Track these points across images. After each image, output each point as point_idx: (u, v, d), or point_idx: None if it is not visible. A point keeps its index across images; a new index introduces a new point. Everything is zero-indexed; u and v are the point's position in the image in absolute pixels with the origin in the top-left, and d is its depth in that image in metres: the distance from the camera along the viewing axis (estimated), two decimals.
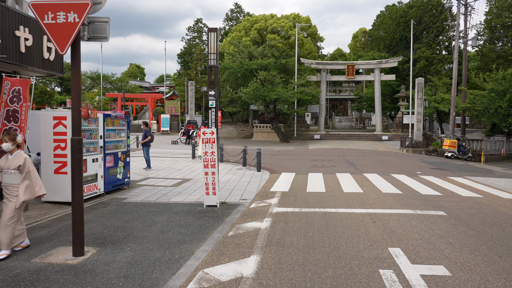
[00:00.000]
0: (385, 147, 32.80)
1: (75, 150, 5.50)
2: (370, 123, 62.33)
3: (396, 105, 48.06)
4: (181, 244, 6.10)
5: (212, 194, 8.74)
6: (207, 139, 8.62)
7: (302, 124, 45.24)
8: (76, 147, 5.50)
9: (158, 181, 13.06)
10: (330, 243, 6.07)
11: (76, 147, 5.50)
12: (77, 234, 5.53)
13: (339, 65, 46.54)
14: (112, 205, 9.09)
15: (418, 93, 31.34)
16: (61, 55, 10.11)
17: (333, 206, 8.88)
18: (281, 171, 15.63)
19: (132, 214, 8.14)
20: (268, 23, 49.20)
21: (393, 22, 51.14)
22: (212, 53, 8.59)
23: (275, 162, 19.43)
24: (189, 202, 9.48)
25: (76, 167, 5.51)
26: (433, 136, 34.89)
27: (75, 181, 5.51)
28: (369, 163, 19.28)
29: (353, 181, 12.79)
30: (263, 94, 33.96)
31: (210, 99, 8.61)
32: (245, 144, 35.33)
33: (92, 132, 9.81)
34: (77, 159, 5.51)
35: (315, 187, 11.52)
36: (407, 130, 42.12)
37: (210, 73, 8.63)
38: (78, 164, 5.51)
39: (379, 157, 22.74)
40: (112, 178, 10.72)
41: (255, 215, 7.99)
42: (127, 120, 11.63)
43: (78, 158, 5.52)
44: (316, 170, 15.94)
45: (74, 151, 5.50)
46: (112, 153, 10.69)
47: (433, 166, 18.33)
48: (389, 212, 8.23)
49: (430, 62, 46.28)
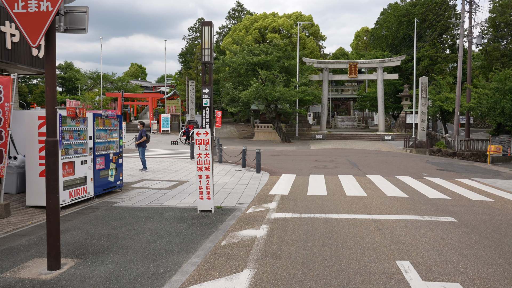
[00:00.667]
0: (388, 147, 32.22)
1: (50, 153, 4.98)
2: (373, 123, 61.71)
3: (399, 105, 47.46)
4: (169, 255, 5.57)
5: (206, 199, 8.21)
6: (201, 140, 8.09)
7: (304, 124, 44.68)
8: (51, 149, 4.98)
9: (153, 183, 12.54)
10: (332, 255, 5.53)
11: (51, 150, 4.98)
12: (52, 246, 5.01)
13: (341, 64, 45.95)
14: (101, 210, 8.58)
15: (422, 92, 30.76)
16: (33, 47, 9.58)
17: (335, 211, 8.33)
18: (281, 173, 15.09)
19: (121, 220, 7.61)
20: (269, 21, 48.64)
21: (396, 21, 50.52)
22: (206, 49, 8.06)
23: (276, 163, 18.89)
24: (182, 206, 8.96)
25: (51, 171, 4.98)
26: (437, 136, 34.30)
27: (49, 186, 4.99)
28: (372, 164, 18.72)
29: (356, 184, 12.24)
30: (265, 94, 33.43)
31: (204, 97, 8.08)
32: (246, 144, 34.81)
33: (81, 133, 9.30)
34: (52, 163, 4.99)
35: (316, 190, 10.98)
36: (410, 130, 41.52)
37: (204, 70, 8.11)
38: (53, 168, 4.99)
39: (382, 157, 22.17)
40: (103, 180, 10.21)
41: (251, 222, 7.46)
42: (120, 120, 11.12)
43: (53, 161, 5.00)
44: (318, 172, 15.39)
45: (49, 154, 4.98)
46: (103, 154, 10.18)
47: (438, 167, 17.76)
48: (395, 219, 7.68)
49: (434, 61, 45.67)
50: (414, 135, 36.70)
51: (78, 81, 69.28)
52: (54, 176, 5.01)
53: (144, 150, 14.83)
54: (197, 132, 8.08)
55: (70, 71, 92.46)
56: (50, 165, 4.99)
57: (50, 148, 4.99)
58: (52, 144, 4.99)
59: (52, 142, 4.99)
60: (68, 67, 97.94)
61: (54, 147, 5.00)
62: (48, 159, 4.99)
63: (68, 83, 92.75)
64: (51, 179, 4.99)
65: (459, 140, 29.41)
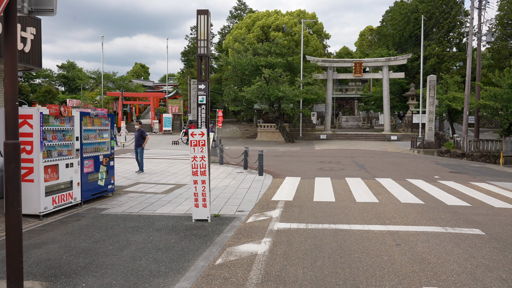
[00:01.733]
0: (394, 148, 31.32)
1: (10, 158, 4.17)
2: (378, 123, 60.78)
3: (405, 104, 46.49)
4: (154, 277, 4.75)
5: (202, 207, 7.39)
6: (196, 141, 7.27)
7: (308, 123, 43.79)
8: (10, 154, 4.17)
9: (149, 187, 11.74)
10: (346, 279, 4.69)
11: (11, 154, 4.17)
12: (13, 268, 4.19)
13: (346, 63, 45.05)
14: (86, 218, 7.77)
15: (430, 91, 29.83)
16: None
17: (346, 221, 7.49)
18: (285, 175, 14.26)
19: (106, 231, 6.81)
20: (272, 20, 47.77)
21: (403, 19, 49.49)
22: (202, 40, 7.24)
23: (279, 164, 18.06)
24: (176, 214, 8.14)
25: (11, 180, 4.17)
26: (445, 136, 33.34)
27: (9, 198, 4.18)
28: (380, 165, 17.86)
29: (366, 188, 11.39)
30: (268, 93, 32.58)
31: (199, 93, 7.26)
32: (249, 144, 33.98)
33: (66, 133, 8.49)
34: (12, 170, 4.17)
35: (323, 195, 10.13)
36: (417, 130, 40.57)
37: (199, 63, 7.29)
38: (13, 176, 4.18)
39: (390, 158, 21.30)
40: (92, 185, 9.40)
41: (251, 234, 6.63)
42: (111, 120, 10.32)
43: (14, 169, 4.18)
44: (324, 174, 14.55)
45: (9, 160, 4.17)
46: (91, 156, 9.38)
47: (450, 169, 16.88)
48: (414, 230, 6.83)
49: (441, 60, 44.65)
50: (421, 135, 35.77)
51: (80, 80, 68.65)
52: (15, 185, 4.19)
53: (143, 151, 14.03)
54: (192, 132, 7.26)
55: (73, 71, 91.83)
56: (9, 172, 4.17)
57: (10, 152, 4.17)
58: (12, 147, 4.17)
59: (12, 145, 4.17)
60: (71, 66, 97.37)
61: (15, 151, 4.19)
62: (8, 165, 4.17)
63: (71, 82, 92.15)
64: (11, 189, 4.18)
65: (468, 140, 28.49)
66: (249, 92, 32.72)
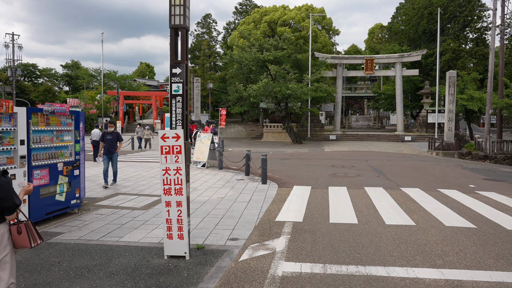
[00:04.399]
0: (410, 150, 29.04)
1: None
2: (389, 123, 58.37)
3: (419, 103, 44.13)
4: None
5: (178, 238, 5.30)
6: (168, 147, 5.19)
7: (316, 123, 41.62)
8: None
9: (128, 199, 9.69)
10: None
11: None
12: None
13: (357, 59, 42.83)
14: (23, 250, 5.73)
15: (450, 88, 27.49)
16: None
17: (379, 259, 5.36)
18: (292, 183, 12.14)
19: (38, 275, 4.76)
20: (279, 14, 45.60)
21: (416, 14, 47.03)
22: (177, 5, 5.16)
23: (286, 169, 15.95)
24: (147, 244, 6.07)
25: None
26: (466, 137, 30.98)
27: None
28: (400, 170, 15.68)
29: (392, 202, 9.24)
30: (274, 90, 30.43)
31: (173, 80, 5.17)
32: (254, 145, 31.87)
33: (4, 135, 6.46)
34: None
35: (342, 214, 8.00)
36: (432, 130, 38.24)
37: (174, 38, 5.20)
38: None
39: (408, 162, 19.08)
40: (46, 201, 7.36)
41: (245, 285, 4.53)
42: (76, 118, 8.26)
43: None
44: (338, 182, 12.41)
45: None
46: (46, 165, 7.34)
47: (483, 176, 14.64)
48: (484, 280, 4.67)
49: (457, 55, 42.16)
50: (438, 136, 33.47)
51: (82, 79, 66.95)
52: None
53: (117, 158, 11.66)
54: (163, 134, 5.18)
55: (77, 70, 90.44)
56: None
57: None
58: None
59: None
60: (75, 65, 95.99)
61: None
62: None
63: (75, 82, 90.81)
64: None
65: (491, 141, 26.20)
66: (255, 90, 30.61)
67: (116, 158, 11.44)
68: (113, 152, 11.25)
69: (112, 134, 11.31)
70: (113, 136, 11.24)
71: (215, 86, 55.74)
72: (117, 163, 11.69)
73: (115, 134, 11.29)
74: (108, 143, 11.23)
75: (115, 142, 11.26)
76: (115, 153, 11.34)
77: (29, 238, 3.48)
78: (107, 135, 11.27)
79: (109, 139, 11.23)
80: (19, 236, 3.42)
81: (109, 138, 11.24)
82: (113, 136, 11.24)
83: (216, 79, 58.96)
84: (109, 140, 11.22)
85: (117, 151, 11.39)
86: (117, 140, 11.30)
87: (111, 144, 11.25)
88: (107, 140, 11.22)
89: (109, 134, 11.30)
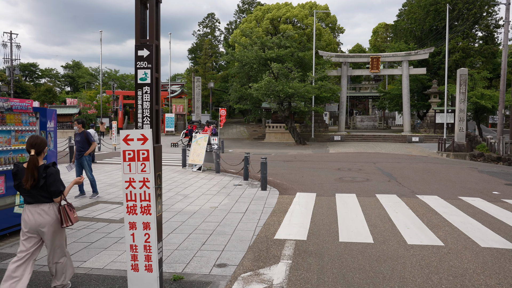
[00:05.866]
0: (419, 151, 27.76)
1: None
2: (394, 123, 57.06)
3: (427, 103, 42.77)
4: None
5: (145, 270, 4.08)
6: (132, 151, 3.99)
7: (320, 124, 40.37)
8: None
9: (108, 209, 8.51)
10: None
11: None
12: None
13: (362, 58, 41.53)
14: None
15: (461, 87, 26.18)
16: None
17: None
18: (295, 190, 10.93)
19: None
20: (283, 12, 44.36)
21: (422, 11, 45.66)
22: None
23: (288, 172, 14.73)
24: (112, 272, 4.87)
25: None
26: (477, 138, 29.63)
27: None
28: (412, 174, 14.44)
29: (410, 213, 8.00)
30: (277, 89, 29.19)
31: (139, 66, 3.95)
32: (256, 146, 30.66)
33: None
34: None
35: (353, 229, 6.77)
36: (440, 131, 36.89)
37: (139, 11, 4.01)
38: None
39: (419, 164, 17.82)
40: (3, 214, 6.18)
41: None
42: (42, 115, 7.07)
43: None
44: (346, 188, 11.18)
45: None
46: (0, 172, 6.16)
47: (504, 181, 13.36)
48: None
49: (467, 54, 40.72)
50: (446, 136, 32.13)
51: (82, 78, 66.02)
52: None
53: (91, 163, 10.15)
54: (125, 136, 3.98)
55: (78, 70, 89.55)
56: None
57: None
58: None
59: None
60: (76, 66, 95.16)
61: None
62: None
63: (77, 82, 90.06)
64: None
65: (504, 142, 24.91)
66: (257, 89, 29.38)
67: (88, 163, 9.72)
68: (82, 156, 9.85)
69: (80, 135, 9.73)
70: (81, 137, 9.67)
71: (217, 85, 54.58)
72: (91, 169, 9.97)
73: (84, 134, 9.79)
74: (77, 145, 9.75)
75: (85, 144, 9.74)
76: (84, 156, 9.84)
77: (62, 219, 4.16)
78: (76, 136, 9.84)
79: (78, 141, 9.71)
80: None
81: (77, 139, 9.72)
82: (82, 137, 9.67)
83: (218, 78, 57.82)
84: (78, 142, 9.70)
85: (87, 154, 9.84)
86: (86, 142, 9.80)
87: (80, 146, 9.70)
88: (76, 142, 9.72)
89: (77, 135, 9.77)
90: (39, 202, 4.11)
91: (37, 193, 4.09)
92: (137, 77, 4.06)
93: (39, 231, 4.09)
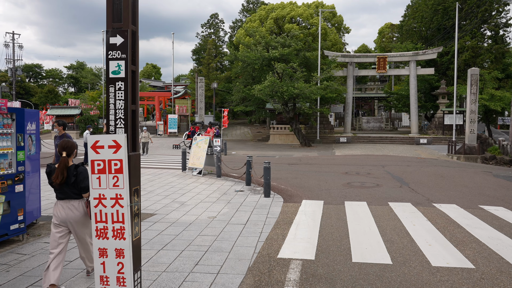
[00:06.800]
0: (428, 153, 26.88)
1: None
2: (401, 124, 56.06)
3: (435, 104, 41.78)
4: None
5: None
6: (102, 162, 3.24)
7: (326, 125, 39.54)
8: None
9: None
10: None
11: None
12: None
13: (368, 58, 40.69)
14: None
15: (472, 87, 25.29)
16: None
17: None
18: (301, 196, 10.15)
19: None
20: (287, 11, 43.57)
21: (430, 10, 44.68)
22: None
23: (293, 176, 13.96)
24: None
25: None
26: (489, 140, 28.69)
27: None
28: (424, 179, 13.63)
29: (429, 226, 7.19)
30: (281, 90, 28.39)
31: (111, 56, 3.19)
32: (260, 148, 29.90)
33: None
34: None
35: (367, 245, 5.99)
36: (449, 132, 35.94)
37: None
38: None
39: (430, 168, 16.98)
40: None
41: None
42: (19, 117, 6.35)
43: None
44: (355, 195, 10.39)
45: None
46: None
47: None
48: None
49: (476, 53, 39.74)
50: (455, 138, 31.22)
51: (84, 78, 65.56)
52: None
53: None
54: (94, 142, 3.23)
55: (82, 71, 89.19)
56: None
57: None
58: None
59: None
60: (80, 67, 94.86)
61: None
62: None
63: (81, 82, 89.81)
64: None
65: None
66: (260, 90, 28.61)
67: None
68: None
69: (61, 138, 8.84)
70: (59, 140, 8.93)
71: (221, 86, 53.88)
72: None
73: (65, 137, 8.92)
74: (56, 149, 8.98)
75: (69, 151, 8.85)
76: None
77: (90, 212, 3.99)
78: (55, 139, 8.94)
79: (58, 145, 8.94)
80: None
81: (57, 143, 8.86)
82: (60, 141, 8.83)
83: (222, 79, 57.11)
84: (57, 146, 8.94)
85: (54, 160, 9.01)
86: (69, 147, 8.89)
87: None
88: (56, 146, 8.84)
89: (57, 139, 8.91)
90: (69, 198, 4.42)
91: (68, 189, 4.40)
92: (109, 70, 3.30)
93: (68, 223, 4.44)
